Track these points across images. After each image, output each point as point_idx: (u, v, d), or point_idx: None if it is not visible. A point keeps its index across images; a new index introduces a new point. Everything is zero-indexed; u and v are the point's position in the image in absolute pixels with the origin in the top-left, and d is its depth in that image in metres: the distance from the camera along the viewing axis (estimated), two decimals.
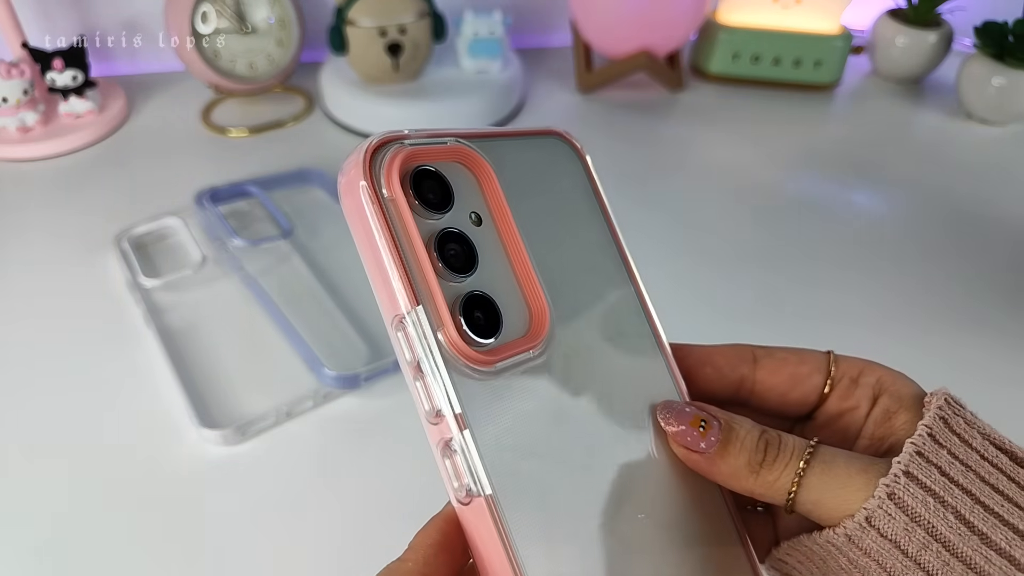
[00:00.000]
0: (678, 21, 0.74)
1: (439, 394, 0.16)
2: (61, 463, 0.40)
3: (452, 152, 0.18)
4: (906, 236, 0.62)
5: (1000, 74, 0.73)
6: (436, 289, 0.16)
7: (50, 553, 0.36)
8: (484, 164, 0.18)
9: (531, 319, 0.18)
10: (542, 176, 0.20)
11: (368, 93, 0.68)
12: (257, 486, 0.39)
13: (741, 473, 0.19)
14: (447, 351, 0.16)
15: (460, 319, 0.16)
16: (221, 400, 0.43)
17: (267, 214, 0.57)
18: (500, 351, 0.16)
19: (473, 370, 0.16)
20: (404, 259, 0.16)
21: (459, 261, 0.17)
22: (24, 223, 0.57)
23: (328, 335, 0.47)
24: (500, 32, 0.70)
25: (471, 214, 0.18)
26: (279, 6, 0.70)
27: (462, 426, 0.15)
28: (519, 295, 0.18)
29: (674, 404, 0.20)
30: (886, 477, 0.18)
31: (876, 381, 0.21)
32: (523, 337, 0.17)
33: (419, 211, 0.17)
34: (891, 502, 0.17)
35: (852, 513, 0.18)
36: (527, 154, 0.20)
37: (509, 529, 0.15)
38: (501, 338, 0.17)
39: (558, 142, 0.21)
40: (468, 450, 0.15)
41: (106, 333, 0.47)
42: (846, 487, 0.18)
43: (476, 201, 0.18)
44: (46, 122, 0.66)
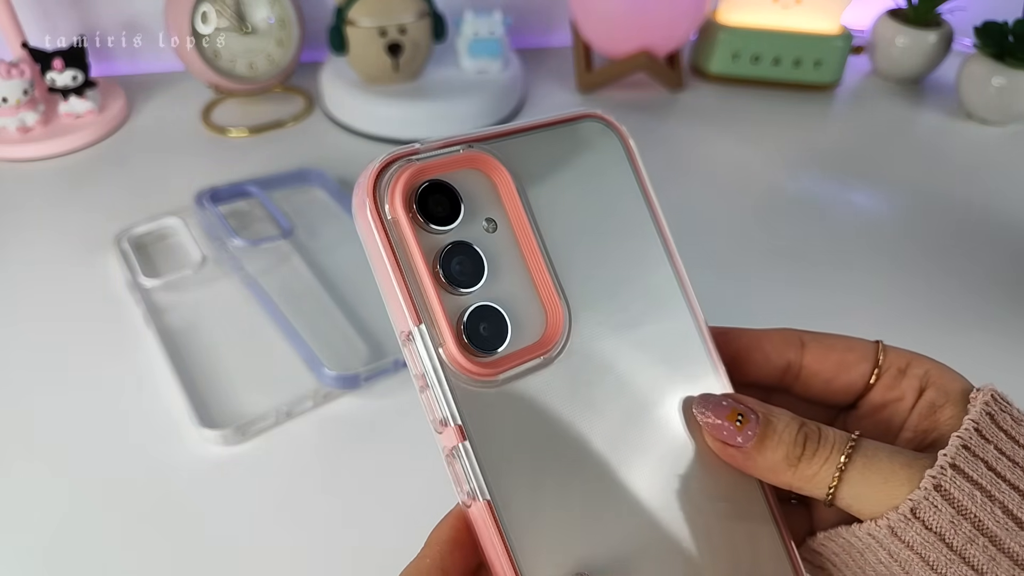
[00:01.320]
0: (678, 21, 0.74)
1: (442, 406, 0.16)
2: (61, 463, 0.40)
3: (464, 160, 0.18)
4: (906, 236, 0.62)
5: (1000, 74, 0.73)
6: (436, 306, 0.16)
7: (50, 553, 0.36)
8: (499, 168, 0.18)
9: (547, 325, 0.18)
10: (575, 167, 0.19)
11: (368, 93, 0.68)
12: (257, 486, 0.39)
13: (779, 467, 0.19)
14: (448, 366, 0.16)
15: (462, 334, 0.17)
16: (221, 400, 0.43)
17: (267, 214, 0.57)
18: (505, 361, 0.17)
19: (476, 382, 0.17)
20: (406, 278, 0.16)
21: (466, 274, 0.17)
22: (24, 223, 0.57)
23: (328, 335, 0.47)
24: (500, 32, 0.70)
25: (485, 221, 0.18)
26: (279, 6, 0.70)
27: (462, 436, 0.16)
28: (536, 301, 0.18)
29: (711, 397, 0.19)
30: (932, 469, 0.17)
31: (924, 373, 0.21)
32: (534, 344, 0.17)
33: (425, 227, 0.17)
34: (937, 494, 0.17)
35: (895, 505, 0.17)
36: (558, 145, 0.19)
37: (509, 533, 0.16)
38: (509, 347, 0.17)
39: (596, 125, 0.20)
40: (468, 458, 0.16)
41: (106, 333, 0.47)
42: (889, 481, 0.18)
43: (493, 207, 0.18)
44: (46, 122, 0.66)
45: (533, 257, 0.18)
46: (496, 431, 0.16)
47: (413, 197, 0.17)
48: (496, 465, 0.16)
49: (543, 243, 0.18)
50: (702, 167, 0.68)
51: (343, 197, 0.60)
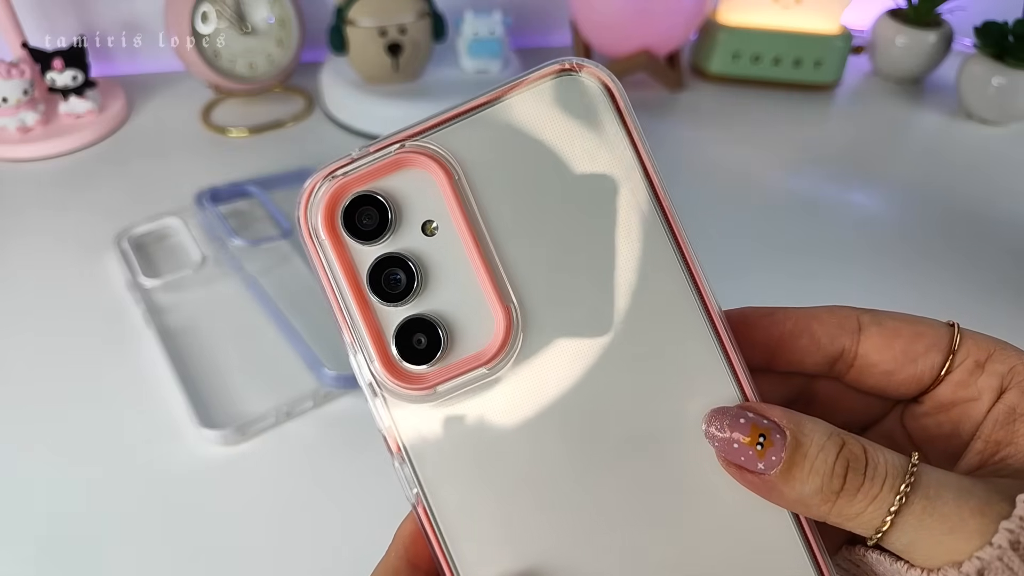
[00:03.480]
0: (678, 21, 0.74)
1: (378, 417, 0.17)
2: (60, 463, 0.40)
3: (396, 163, 0.17)
4: (906, 236, 0.62)
5: (1000, 74, 0.73)
6: (363, 325, 0.17)
7: (49, 553, 0.36)
8: (432, 165, 0.16)
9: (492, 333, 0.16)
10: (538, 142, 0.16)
11: (368, 93, 0.68)
12: (257, 486, 0.39)
13: (811, 501, 0.15)
14: (383, 380, 0.17)
15: (392, 348, 0.17)
16: (221, 400, 0.43)
17: (267, 214, 0.57)
18: (444, 372, 0.16)
19: (412, 395, 0.17)
20: (339, 297, 0.17)
21: (398, 287, 0.17)
22: (24, 223, 0.57)
23: (328, 335, 0.47)
24: (500, 32, 0.70)
25: (424, 223, 0.17)
26: (279, 6, 0.70)
27: (397, 447, 0.17)
28: (484, 307, 0.16)
29: (726, 411, 0.16)
30: (1009, 520, 0.14)
31: (1009, 370, 0.17)
32: (475, 354, 0.16)
33: (354, 243, 0.17)
34: (1015, 554, 0.14)
35: (959, 561, 0.14)
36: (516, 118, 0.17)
37: (445, 537, 0.17)
38: (448, 358, 0.17)
39: (573, 82, 0.17)
40: (405, 467, 0.17)
41: (106, 333, 0.47)
42: (954, 532, 0.14)
43: (432, 207, 0.17)
44: (46, 122, 0.66)
45: (475, 260, 0.16)
46: (433, 443, 0.17)
47: (340, 215, 0.17)
48: (432, 475, 0.17)
49: (490, 242, 0.16)
50: (702, 167, 0.68)
51: None
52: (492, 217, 0.16)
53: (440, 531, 0.17)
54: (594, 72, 0.17)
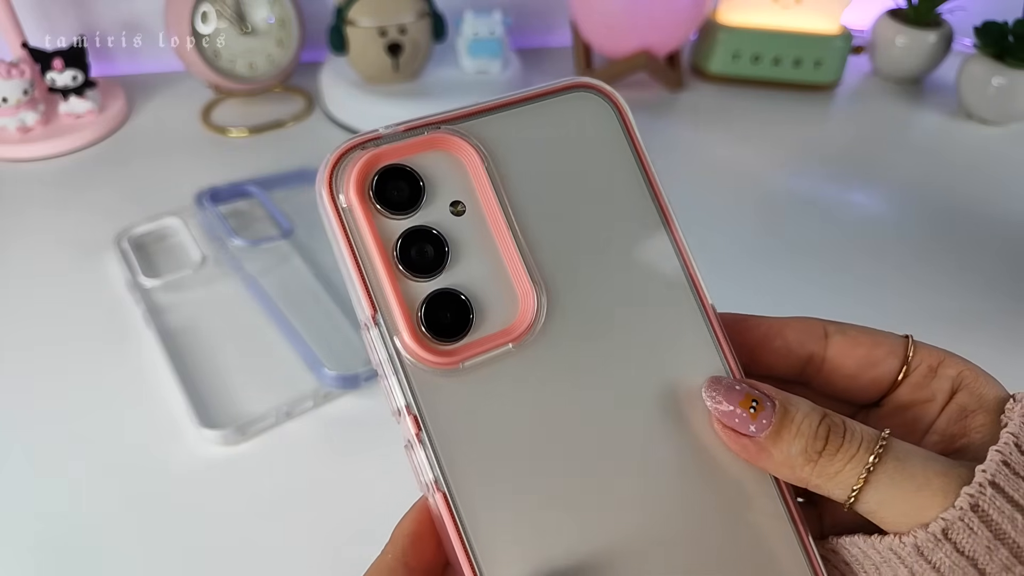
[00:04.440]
0: (678, 21, 0.74)
1: (397, 395, 0.16)
2: (60, 463, 0.40)
3: (427, 142, 0.17)
4: (906, 236, 0.62)
5: (1000, 74, 0.73)
6: (391, 295, 0.16)
7: (49, 553, 0.36)
8: (467, 148, 0.17)
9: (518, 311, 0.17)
10: (561, 142, 0.18)
11: (368, 93, 0.68)
12: (257, 486, 0.39)
13: (796, 462, 0.17)
14: (404, 355, 0.16)
15: (420, 322, 0.16)
16: (221, 400, 0.43)
17: (267, 214, 0.57)
18: (470, 348, 0.16)
19: (436, 371, 0.16)
20: (362, 267, 0.16)
21: (426, 260, 0.16)
22: (24, 223, 0.57)
23: (328, 335, 0.47)
24: (500, 32, 0.70)
25: (452, 204, 0.17)
26: (279, 6, 0.70)
27: (417, 426, 0.16)
28: (509, 286, 0.17)
29: (722, 380, 0.18)
30: (970, 486, 0.15)
31: (956, 375, 0.19)
32: (502, 331, 0.17)
33: (383, 214, 0.17)
34: (974, 515, 0.15)
35: (926, 522, 0.16)
36: (542, 120, 0.18)
37: (466, 526, 0.16)
38: (474, 334, 0.16)
39: (588, 96, 0.19)
40: (425, 448, 0.16)
41: (106, 333, 0.47)
42: (921, 491, 0.16)
43: (461, 189, 0.17)
44: (46, 122, 0.66)
45: (504, 240, 0.17)
46: (457, 421, 0.16)
47: (369, 184, 0.17)
48: (455, 456, 0.16)
49: (517, 225, 0.17)
50: (702, 167, 0.68)
51: None
52: (516, 203, 0.17)
53: (460, 516, 0.16)
54: (606, 90, 0.19)
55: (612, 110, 0.19)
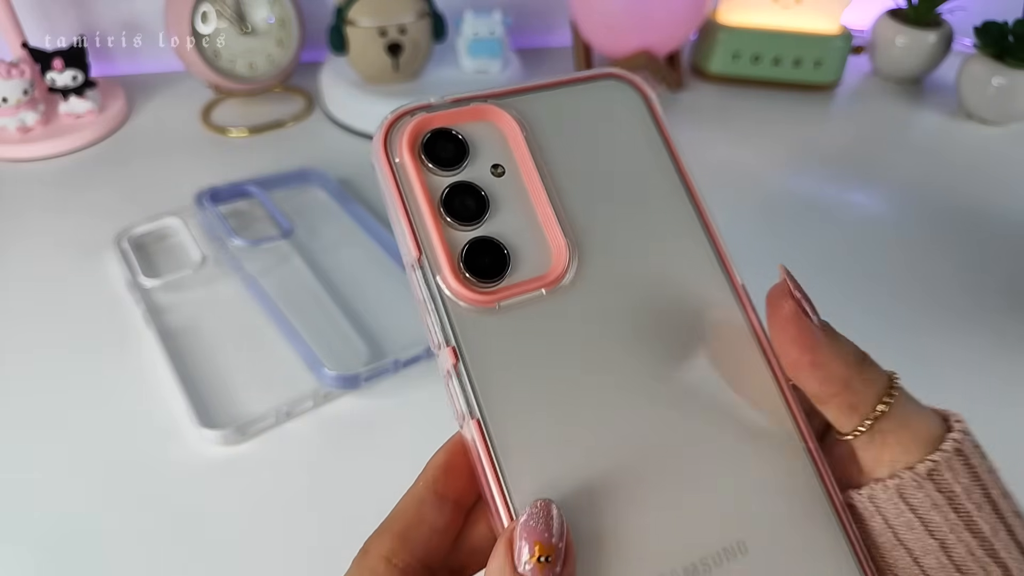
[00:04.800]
0: (678, 21, 0.74)
1: (436, 329, 0.18)
2: (60, 463, 0.40)
3: (473, 112, 0.19)
4: (905, 236, 0.62)
5: (1000, 74, 0.73)
6: (435, 238, 0.18)
7: (49, 553, 0.36)
8: (507, 119, 0.19)
9: (551, 260, 0.19)
10: (591, 122, 0.20)
11: (368, 93, 0.68)
12: (257, 486, 0.39)
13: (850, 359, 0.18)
14: (445, 293, 0.18)
15: (460, 264, 0.18)
16: (221, 400, 0.43)
17: (267, 214, 0.57)
18: (506, 290, 0.18)
19: (474, 308, 0.18)
20: (410, 213, 0.18)
21: (468, 211, 0.18)
22: (24, 223, 0.57)
23: (328, 335, 0.47)
24: (500, 32, 0.70)
25: (493, 166, 0.19)
26: (279, 6, 0.70)
27: (455, 357, 0.17)
28: (543, 239, 0.19)
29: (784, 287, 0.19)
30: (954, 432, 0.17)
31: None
32: (536, 277, 0.18)
33: (431, 170, 0.19)
34: (957, 458, 0.17)
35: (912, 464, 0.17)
36: (574, 102, 0.20)
37: (497, 450, 0.17)
38: (510, 278, 0.18)
39: (616, 85, 0.21)
40: (461, 378, 0.17)
41: (106, 333, 0.47)
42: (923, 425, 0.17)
43: (501, 154, 0.19)
44: (46, 122, 0.66)
45: (540, 200, 0.19)
46: (492, 354, 0.18)
47: (420, 143, 0.19)
48: (489, 385, 0.17)
49: (552, 188, 0.19)
50: (702, 167, 0.68)
51: (343, 197, 0.60)
52: (551, 169, 0.19)
53: (491, 440, 0.17)
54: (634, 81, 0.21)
55: (640, 99, 0.21)
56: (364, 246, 0.56)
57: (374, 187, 0.68)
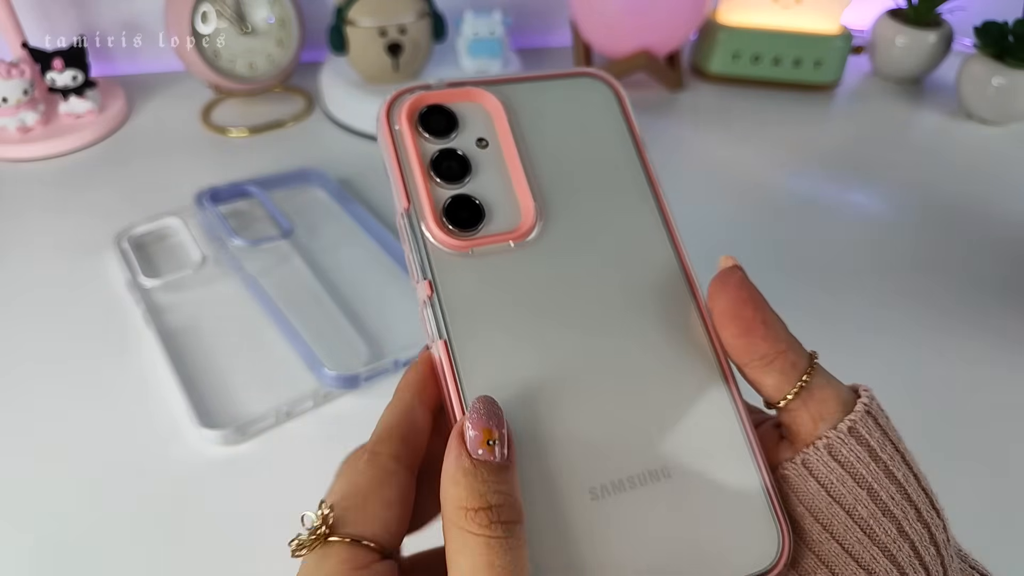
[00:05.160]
0: (678, 21, 0.74)
1: (417, 265, 0.21)
2: (60, 463, 0.40)
3: (464, 93, 0.23)
4: (905, 235, 0.62)
5: (1000, 74, 0.73)
6: (423, 191, 0.21)
7: (49, 553, 0.36)
8: (494, 101, 0.23)
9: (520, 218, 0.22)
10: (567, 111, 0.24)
11: (368, 93, 0.68)
12: (257, 486, 0.39)
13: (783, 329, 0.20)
14: (427, 237, 0.21)
15: (442, 214, 0.21)
16: (221, 400, 0.43)
17: (267, 214, 0.57)
18: (478, 240, 0.21)
19: (450, 252, 0.21)
20: (403, 171, 0.22)
21: (453, 172, 0.22)
22: (24, 223, 0.57)
23: (328, 335, 0.47)
24: (500, 32, 0.70)
25: (477, 139, 0.23)
26: (279, 6, 0.70)
27: (430, 289, 0.21)
28: (516, 201, 0.22)
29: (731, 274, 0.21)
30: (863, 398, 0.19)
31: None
32: (506, 231, 0.22)
33: (424, 138, 0.22)
34: (868, 416, 0.19)
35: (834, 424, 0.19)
36: (554, 93, 0.24)
37: (459, 366, 0.20)
38: (484, 231, 0.22)
39: (592, 82, 0.25)
40: (433, 306, 0.20)
41: (106, 333, 0.47)
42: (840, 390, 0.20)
43: (486, 130, 0.23)
44: (46, 122, 0.66)
45: (515, 169, 0.22)
46: (461, 289, 0.21)
47: (417, 114, 0.22)
48: (455, 313, 0.21)
49: (527, 160, 0.22)
50: (702, 167, 0.68)
51: (343, 197, 0.60)
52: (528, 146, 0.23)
53: (454, 357, 0.20)
54: (608, 79, 0.25)
55: (613, 96, 0.24)
56: (364, 246, 0.56)
57: (374, 187, 0.68)
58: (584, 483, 0.20)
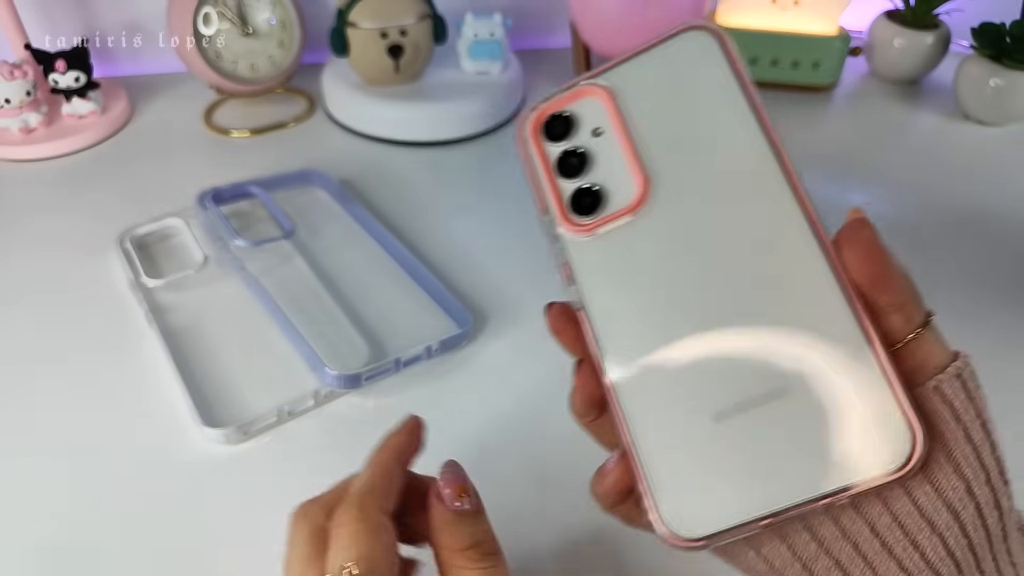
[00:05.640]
0: (677, 23, 0.75)
1: (555, 254, 0.25)
2: (63, 462, 0.40)
3: (576, 93, 0.26)
4: (903, 236, 0.62)
5: (997, 75, 0.74)
6: (550, 192, 0.25)
7: (52, 552, 0.36)
8: (600, 91, 0.26)
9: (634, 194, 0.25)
10: (672, 75, 0.26)
11: (369, 94, 0.69)
12: (259, 485, 0.40)
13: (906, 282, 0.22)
14: (558, 231, 0.25)
15: (567, 207, 0.25)
16: (223, 399, 0.44)
17: (269, 215, 0.58)
18: (601, 222, 0.25)
19: (580, 236, 0.25)
20: (535, 177, 0.26)
21: (573, 168, 0.26)
22: (26, 223, 0.58)
23: (329, 335, 0.48)
24: (500, 34, 0.71)
25: (593, 130, 0.26)
26: (280, 8, 0.70)
27: (568, 272, 0.25)
28: (630, 176, 0.25)
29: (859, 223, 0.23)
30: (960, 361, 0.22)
31: None
32: (623, 209, 0.25)
33: (548, 142, 0.26)
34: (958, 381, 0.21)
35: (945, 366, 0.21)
36: (657, 60, 0.26)
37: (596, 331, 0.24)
38: (604, 212, 0.25)
39: (694, 35, 0.26)
40: (573, 284, 0.25)
41: (109, 333, 0.48)
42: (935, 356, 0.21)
43: (598, 119, 0.26)
44: (49, 123, 0.66)
45: (627, 148, 0.25)
46: (592, 267, 0.25)
47: (541, 126, 0.26)
48: (591, 287, 0.25)
49: (637, 137, 0.25)
50: None
51: (345, 198, 0.60)
52: (636, 123, 0.25)
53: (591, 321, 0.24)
54: (710, 28, 0.25)
55: (716, 43, 0.25)
56: (365, 246, 0.56)
57: (375, 188, 0.68)
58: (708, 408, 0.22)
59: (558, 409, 0.44)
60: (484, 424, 0.43)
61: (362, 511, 0.25)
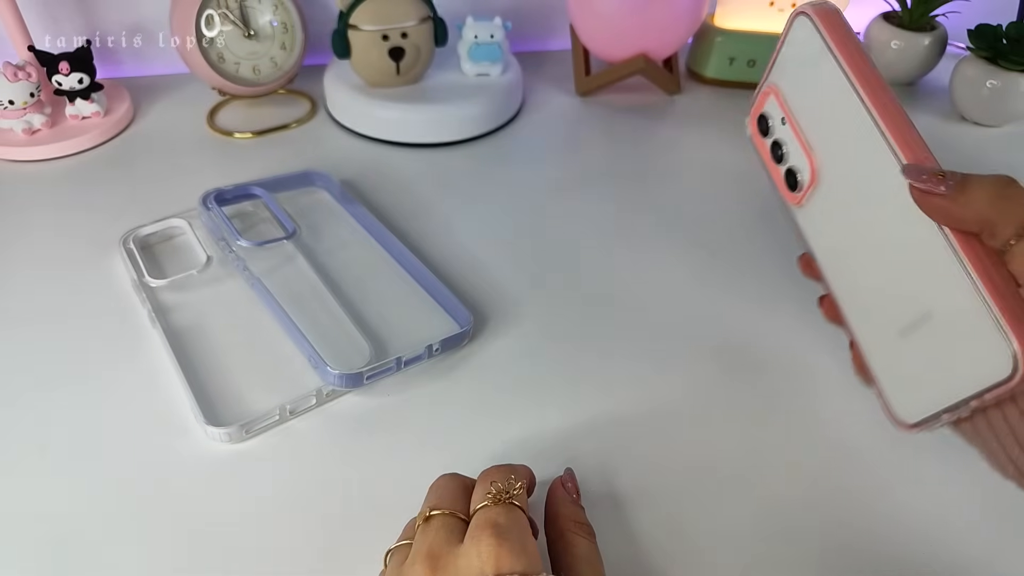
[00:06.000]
0: (675, 25, 0.75)
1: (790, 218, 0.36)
2: (65, 461, 0.40)
3: (763, 95, 0.35)
4: None
5: (994, 76, 0.74)
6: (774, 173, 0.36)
7: (53, 552, 0.36)
8: (773, 88, 0.34)
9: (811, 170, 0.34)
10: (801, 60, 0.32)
11: (371, 96, 0.69)
12: (261, 483, 0.40)
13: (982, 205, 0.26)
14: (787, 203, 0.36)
15: (784, 183, 0.35)
16: (226, 398, 0.44)
17: (271, 215, 0.58)
18: (801, 194, 0.34)
19: (798, 206, 0.35)
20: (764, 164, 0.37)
21: (779, 155, 0.35)
22: (30, 224, 0.58)
23: (331, 334, 0.48)
24: (500, 36, 0.71)
25: (780, 120, 0.35)
26: (283, 10, 0.71)
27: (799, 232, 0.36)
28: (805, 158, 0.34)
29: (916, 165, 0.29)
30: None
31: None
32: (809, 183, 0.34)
33: (763, 135, 0.36)
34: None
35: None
36: (791, 50, 0.33)
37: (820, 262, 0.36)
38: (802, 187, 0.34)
39: (801, 22, 0.32)
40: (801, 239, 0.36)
41: (112, 332, 0.48)
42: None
43: (780, 111, 0.34)
44: (52, 124, 0.67)
45: (796, 131, 0.33)
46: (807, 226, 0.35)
47: (755, 125, 0.37)
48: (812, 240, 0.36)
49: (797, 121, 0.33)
50: (699, 170, 0.69)
51: (347, 199, 0.61)
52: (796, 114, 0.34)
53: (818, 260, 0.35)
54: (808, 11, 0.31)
55: (814, 26, 0.31)
56: (366, 247, 0.57)
57: (377, 189, 0.68)
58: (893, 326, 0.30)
59: (557, 408, 0.44)
60: (484, 423, 0.43)
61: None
